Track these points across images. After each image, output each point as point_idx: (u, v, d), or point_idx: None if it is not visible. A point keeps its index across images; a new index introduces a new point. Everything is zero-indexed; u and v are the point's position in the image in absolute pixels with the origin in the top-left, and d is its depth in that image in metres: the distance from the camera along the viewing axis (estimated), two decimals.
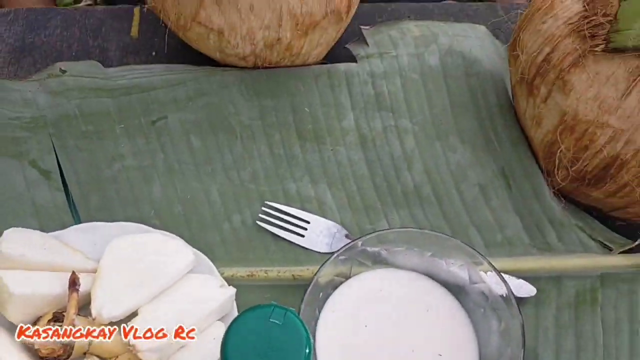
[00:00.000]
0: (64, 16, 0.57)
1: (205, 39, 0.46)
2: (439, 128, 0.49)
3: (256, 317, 0.30)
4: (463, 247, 0.40)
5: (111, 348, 0.38)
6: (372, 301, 0.41)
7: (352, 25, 0.52)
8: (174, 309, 0.39)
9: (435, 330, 0.40)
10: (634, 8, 0.38)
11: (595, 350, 0.40)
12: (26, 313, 0.37)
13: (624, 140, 0.39)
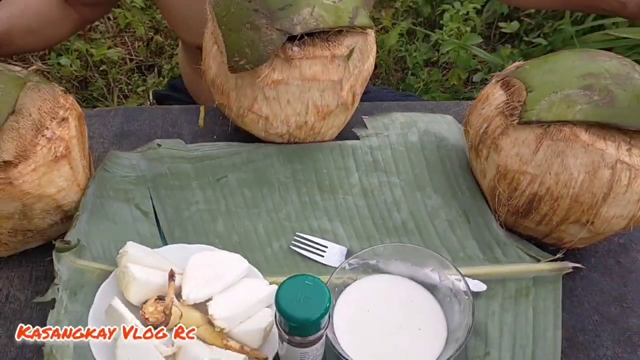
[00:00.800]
0: (151, 113, 0.78)
1: (256, 123, 0.66)
2: (418, 183, 0.67)
3: (296, 280, 0.48)
4: (435, 256, 0.57)
5: (196, 320, 0.55)
6: (371, 295, 0.58)
7: (356, 116, 0.73)
8: (235, 297, 0.56)
9: (416, 313, 0.56)
10: (535, 97, 0.58)
11: (527, 327, 0.56)
12: (140, 294, 0.54)
13: (538, 182, 0.58)
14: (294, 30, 0.59)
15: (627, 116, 0.55)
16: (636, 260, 0.66)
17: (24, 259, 0.62)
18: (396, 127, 0.72)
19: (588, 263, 0.65)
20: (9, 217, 0.54)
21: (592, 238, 0.61)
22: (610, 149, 0.55)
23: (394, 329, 0.55)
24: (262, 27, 0.59)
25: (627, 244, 0.68)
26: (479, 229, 0.63)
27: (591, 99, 0.56)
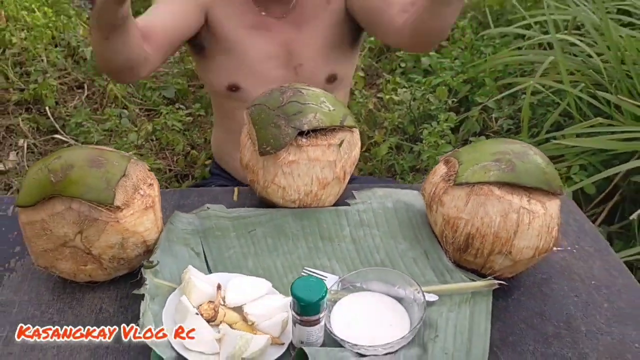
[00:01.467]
0: (198, 192, 1.05)
1: (276, 192, 0.93)
2: (392, 234, 0.92)
3: (305, 278, 0.72)
4: (403, 276, 0.81)
5: (234, 318, 0.77)
6: (356, 305, 0.80)
7: (348, 191, 0.99)
8: (262, 304, 0.79)
9: (388, 316, 0.79)
10: (464, 168, 0.84)
11: (464, 321, 0.78)
12: (198, 298, 0.77)
13: (470, 225, 0.82)
14: (303, 128, 0.88)
15: (523, 178, 0.81)
16: (553, 289, 0.89)
17: (112, 285, 0.85)
18: (376, 197, 0.99)
19: (518, 290, 0.88)
20: (112, 246, 0.79)
21: (514, 267, 0.84)
22: (515, 199, 0.81)
23: (373, 324, 0.77)
24: (282, 126, 0.88)
25: (547, 278, 0.91)
26: (434, 262, 0.87)
27: (499, 167, 0.82)
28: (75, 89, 2.30)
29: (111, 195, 0.76)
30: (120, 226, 0.78)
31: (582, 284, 0.91)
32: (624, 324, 0.84)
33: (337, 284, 0.81)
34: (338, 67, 1.31)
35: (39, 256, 0.80)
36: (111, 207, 0.77)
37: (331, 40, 1.29)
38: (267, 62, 1.26)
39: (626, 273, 0.95)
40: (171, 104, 2.17)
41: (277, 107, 0.89)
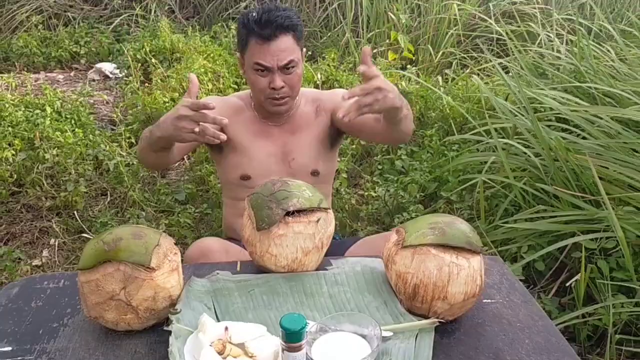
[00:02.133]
0: (211, 269, 1.30)
1: (269, 260, 1.18)
2: (360, 290, 1.15)
3: (291, 314, 0.95)
4: (366, 318, 1.03)
5: (239, 352, 0.99)
6: (331, 341, 1.03)
7: (327, 260, 1.24)
8: (259, 341, 1.01)
9: (355, 348, 1.01)
10: (409, 234, 1.10)
11: (412, 349, 1.00)
12: (210, 337, 1.00)
13: (415, 277, 1.07)
14: (289, 209, 1.14)
15: (451, 240, 1.07)
16: (486, 330, 1.11)
17: (144, 333, 1.08)
18: (348, 263, 1.23)
19: (458, 331, 1.10)
20: (147, 299, 1.03)
21: (451, 310, 1.08)
22: (446, 256, 1.06)
23: (343, 354, 1.00)
24: (273, 208, 1.15)
25: (482, 322, 1.14)
26: (391, 309, 1.10)
27: (434, 233, 1.08)
28: (100, 196, 2.59)
29: (148, 259, 1.02)
30: (154, 283, 1.02)
31: (509, 326, 1.13)
32: (540, 354, 1.06)
33: (316, 326, 1.03)
34: (320, 164, 1.65)
35: (91, 308, 1.04)
36: (148, 268, 1.02)
37: (316, 143, 1.65)
38: (269, 158, 1.61)
39: (545, 318, 1.17)
40: (182, 205, 2.46)
41: (270, 194, 1.17)
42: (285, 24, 1.51)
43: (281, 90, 1.54)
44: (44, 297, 1.20)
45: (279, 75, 1.53)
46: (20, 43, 4.67)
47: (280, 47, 1.51)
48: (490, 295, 1.21)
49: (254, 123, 1.65)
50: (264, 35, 1.50)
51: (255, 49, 1.52)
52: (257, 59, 1.52)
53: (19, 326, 1.11)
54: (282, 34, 1.51)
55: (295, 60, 1.54)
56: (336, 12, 5.21)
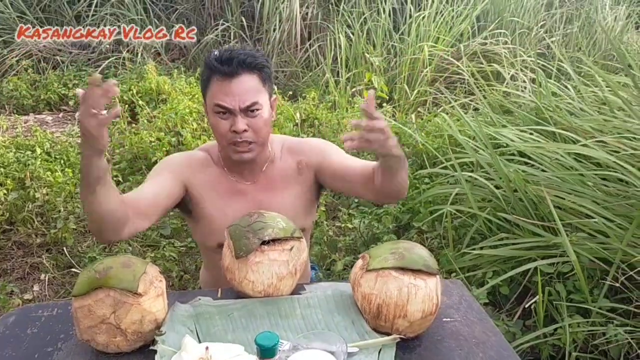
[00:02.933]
0: (194, 293, 1.39)
1: (247, 285, 1.28)
2: (330, 311, 1.26)
3: (264, 333, 1.05)
4: (334, 336, 1.14)
5: None
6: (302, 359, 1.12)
7: (299, 286, 1.35)
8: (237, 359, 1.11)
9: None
10: (373, 259, 1.21)
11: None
12: (193, 357, 1.09)
13: (379, 298, 1.18)
14: (265, 238, 1.25)
15: (410, 263, 1.18)
16: (445, 346, 1.22)
17: (132, 355, 1.17)
18: (321, 288, 1.34)
19: (419, 347, 1.20)
20: (134, 322, 1.12)
21: (411, 327, 1.18)
22: (405, 278, 1.17)
23: None
24: (250, 238, 1.26)
25: (441, 339, 1.24)
26: (358, 327, 1.20)
27: (394, 257, 1.20)
28: (88, 232, 2.67)
29: (136, 285, 1.12)
30: (141, 307, 1.12)
31: (465, 342, 1.24)
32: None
33: (289, 345, 1.13)
34: (304, 221, 1.54)
35: (84, 332, 1.13)
36: (135, 294, 1.12)
37: (298, 202, 1.53)
38: None
39: (498, 334, 1.28)
40: (168, 239, 2.56)
41: (247, 225, 1.28)
42: (248, 61, 1.39)
43: (243, 134, 1.40)
44: (39, 324, 1.28)
45: (242, 117, 1.40)
46: (10, 86, 4.78)
47: (243, 87, 1.39)
48: (449, 315, 1.32)
49: (222, 181, 1.50)
50: (225, 72, 1.38)
51: (216, 87, 1.40)
52: (218, 100, 1.40)
53: (16, 351, 1.19)
54: (245, 72, 1.39)
55: (260, 103, 1.41)
56: (316, 53, 5.43)
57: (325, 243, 2.41)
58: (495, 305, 2.07)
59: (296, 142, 1.62)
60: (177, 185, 1.46)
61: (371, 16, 5.25)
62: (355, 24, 5.15)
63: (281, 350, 1.08)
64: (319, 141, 1.64)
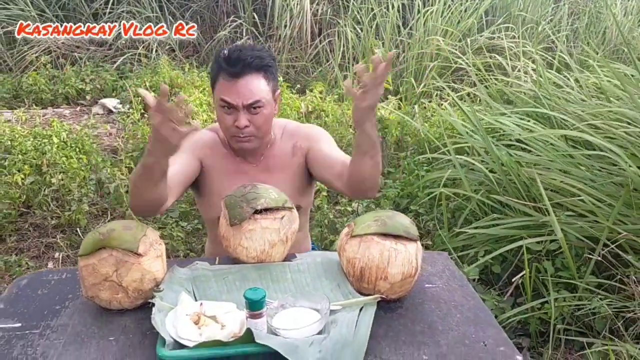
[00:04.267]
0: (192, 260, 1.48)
1: (241, 252, 1.36)
2: (319, 275, 1.33)
3: (252, 289, 1.14)
4: (319, 295, 1.21)
5: (211, 322, 1.17)
6: (289, 314, 1.20)
7: (290, 254, 1.42)
8: (228, 314, 1.19)
9: (309, 318, 1.18)
10: (357, 226, 1.29)
11: (355, 318, 1.18)
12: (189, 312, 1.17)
13: (362, 261, 1.24)
14: (257, 207, 1.33)
15: (392, 229, 1.25)
16: (425, 308, 1.28)
17: (132, 312, 1.25)
18: (311, 256, 1.42)
19: (400, 308, 1.28)
20: (135, 280, 1.21)
21: (392, 288, 1.25)
22: (387, 242, 1.24)
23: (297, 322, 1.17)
24: (244, 207, 1.34)
25: (421, 302, 1.31)
26: (343, 290, 1.28)
27: (377, 224, 1.27)
28: (101, 215, 2.79)
29: (136, 246, 1.21)
30: (141, 267, 1.21)
31: (445, 304, 1.31)
32: (467, 325, 1.23)
33: (277, 303, 1.21)
34: (300, 199, 1.62)
35: (89, 289, 1.22)
36: (136, 254, 1.20)
37: (293, 181, 1.64)
38: None
39: (477, 298, 1.35)
40: (176, 220, 2.66)
41: (242, 195, 1.36)
42: (254, 64, 1.49)
43: (245, 129, 1.52)
44: (49, 286, 1.38)
45: (244, 114, 1.51)
46: (29, 81, 4.93)
47: (247, 86, 1.50)
48: (432, 282, 1.39)
49: (228, 161, 1.62)
50: (231, 73, 1.49)
51: (223, 85, 1.51)
52: (223, 96, 1.51)
53: (27, 308, 1.29)
54: (250, 73, 1.50)
55: (262, 101, 1.51)
56: (326, 49, 5.50)
57: (326, 226, 2.48)
58: (487, 284, 2.13)
59: (295, 126, 1.72)
60: (195, 163, 1.59)
61: (380, 12, 5.31)
62: (365, 19, 5.21)
63: (269, 307, 1.16)
64: (314, 128, 1.74)
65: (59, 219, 2.70)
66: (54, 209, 2.75)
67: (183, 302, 1.19)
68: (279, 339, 1.11)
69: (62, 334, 1.19)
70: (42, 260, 2.47)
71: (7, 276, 2.30)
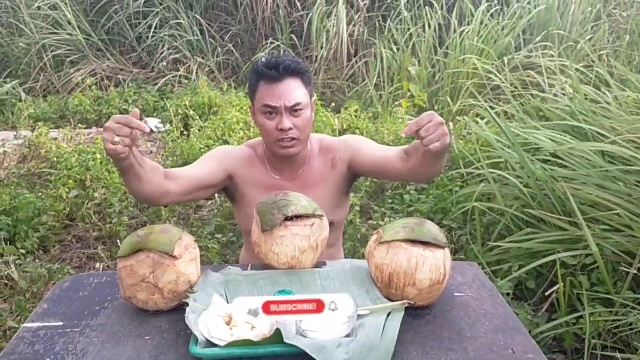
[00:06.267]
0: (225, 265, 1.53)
1: (272, 257, 1.40)
2: (348, 282, 1.36)
3: (282, 290, 1.17)
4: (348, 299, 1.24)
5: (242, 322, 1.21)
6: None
7: (321, 262, 1.46)
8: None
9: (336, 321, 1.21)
10: (386, 233, 1.31)
11: (383, 323, 1.19)
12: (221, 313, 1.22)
13: (390, 267, 1.27)
14: (288, 214, 1.38)
15: (420, 236, 1.28)
16: (453, 315, 1.29)
17: (168, 313, 1.31)
18: (340, 264, 1.44)
19: (429, 315, 1.29)
20: (170, 282, 1.26)
21: (420, 295, 1.27)
22: (415, 249, 1.26)
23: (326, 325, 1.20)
24: (275, 214, 1.38)
25: (450, 309, 1.32)
26: (372, 296, 1.30)
27: (405, 231, 1.29)
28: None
29: (172, 248, 1.26)
30: (176, 269, 1.26)
31: (474, 312, 1.31)
32: (496, 333, 1.23)
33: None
34: (335, 216, 1.66)
35: (127, 289, 1.28)
36: (172, 256, 1.26)
37: (331, 197, 1.67)
38: None
39: (507, 307, 1.35)
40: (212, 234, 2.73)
41: (273, 203, 1.41)
42: (293, 67, 1.57)
43: (289, 132, 1.57)
44: (90, 289, 1.45)
45: (287, 117, 1.57)
46: (76, 102, 5.16)
47: (289, 89, 1.56)
48: (462, 290, 1.40)
49: (262, 177, 1.67)
50: (272, 77, 1.56)
51: (264, 91, 1.58)
52: (266, 101, 1.57)
53: (69, 308, 1.36)
54: (289, 77, 1.57)
55: (303, 104, 1.58)
56: (362, 69, 5.58)
57: (358, 240, 2.51)
58: (522, 299, 2.11)
59: (331, 140, 1.76)
60: (220, 172, 1.65)
61: (416, 32, 5.36)
62: (401, 40, 5.27)
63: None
64: (350, 137, 1.79)
65: (100, 232, 2.81)
66: (95, 222, 2.87)
67: (215, 304, 1.23)
68: (307, 340, 1.14)
69: (101, 333, 1.25)
70: (84, 271, 2.57)
71: (51, 284, 2.40)
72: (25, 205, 2.80)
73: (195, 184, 1.60)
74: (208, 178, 1.63)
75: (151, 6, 6.18)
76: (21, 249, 2.63)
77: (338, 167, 1.68)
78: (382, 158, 1.63)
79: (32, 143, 3.78)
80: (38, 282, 2.40)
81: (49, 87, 5.81)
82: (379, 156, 1.65)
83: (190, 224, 2.87)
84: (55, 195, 2.96)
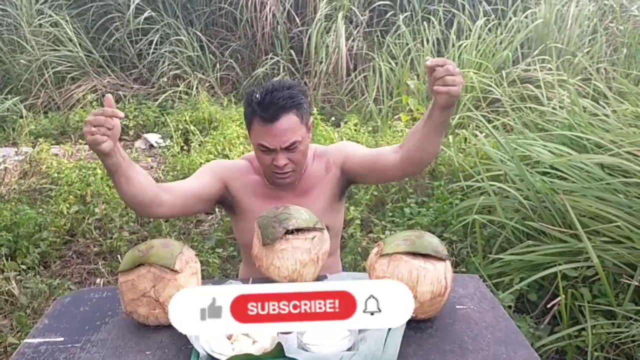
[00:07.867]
0: (225, 281, 1.52)
1: (274, 271, 1.40)
2: None
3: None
4: None
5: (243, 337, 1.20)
6: (319, 330, 1.23)
7: (322, 276, 1.45)
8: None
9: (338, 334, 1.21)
10: (386, 245, 1.32)
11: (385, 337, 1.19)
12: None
13: (391, 279, 1.27)
14: (289, 227, 1.38)
15: (420, 248, 1.28)
16: (455, 328, 1.29)
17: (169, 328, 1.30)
18: (341, 277, 1.45)
19: (431, 328, 1.29)
20: (171, 296, 1.25)
21: (422, 307, 1.27)
22: (416, 262, 1.26)
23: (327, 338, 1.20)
24: (276, 227, 1.39)
25: (452, 322, 1.32)
26: None
27: (405, 243, 1.29)
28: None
29: (173, 262, 1.26)
30: (177, 283, 1.26)
31: (476, 325, 1.31)
32: (498, 345, 1.23)
33: None
34: (330, 220, 1.66)
35: (128, 304, 1.28)
36: (172, 270, 1.26)
37: (326, 200, 1.69)
38: None
39: (508, 320, 1.34)
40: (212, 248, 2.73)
41: (274, 216, 1.41)
42: (288, 106, 1.53)
43: (285, 167, 1.58)
44: (90, 304, 1.44)
45: (283, 154, 1.56)
46: (76, 118, 5.17)
47: (283, 128, 1.53)
48: (463, 303, 1.40)
49: (262, 187, 1.67)
50: (266, 118, 1.53)
51: (259, 130, 1.55)
52: (260, 141, 1.56)
53: (69, 323, 1.35)
54: (284, 115, 1.53)
55: (299, 140, 1.56)
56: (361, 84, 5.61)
57: (359, 253, 2.50)
58: (523, 312, 2.10)
59: (323, 147, 1.79)
60: (215, 184, 1.65)
61: (415, 46, 5.40)
62: (399, 54, 5.30)
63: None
64: (341, 142, 1.86)
65: (100, 247, 2.81)
66: (96, 237, 2.87)
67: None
68: (308, 353, 1.13)
69: (102, 348, 1.24)
70: (84, 286, 2.56)
71: (52, 300, 2.39)
72: (26, 221, 2.80)
73: (191, 195, 1.60)
74: (204, 189, 1.63)
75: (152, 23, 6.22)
76: (22, 264, 2.63)
77: (332, 170, 1.69)
78: (374, 153, 1.66)
79: (32, 159, 3.79)
80: (39, 298, 2.39)
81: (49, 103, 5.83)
82: (370, 152, 1.68)
83: (190, 238, 2.87)
84: (56, 210, 2.96)
